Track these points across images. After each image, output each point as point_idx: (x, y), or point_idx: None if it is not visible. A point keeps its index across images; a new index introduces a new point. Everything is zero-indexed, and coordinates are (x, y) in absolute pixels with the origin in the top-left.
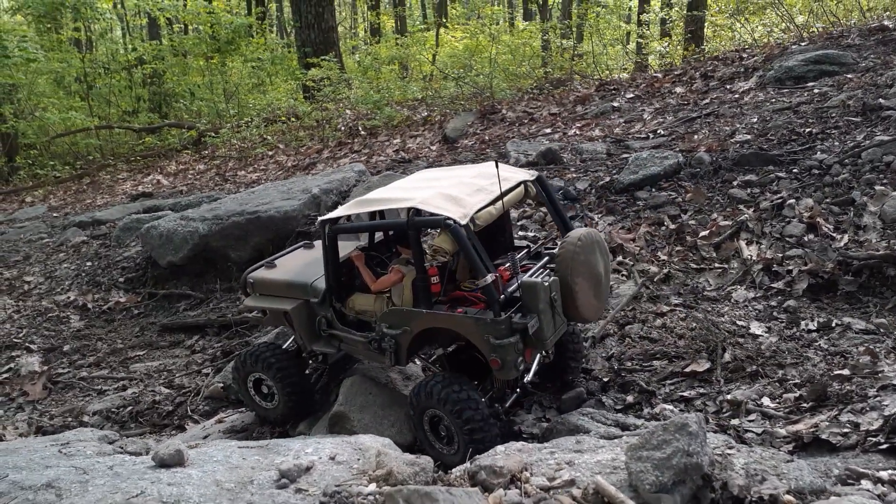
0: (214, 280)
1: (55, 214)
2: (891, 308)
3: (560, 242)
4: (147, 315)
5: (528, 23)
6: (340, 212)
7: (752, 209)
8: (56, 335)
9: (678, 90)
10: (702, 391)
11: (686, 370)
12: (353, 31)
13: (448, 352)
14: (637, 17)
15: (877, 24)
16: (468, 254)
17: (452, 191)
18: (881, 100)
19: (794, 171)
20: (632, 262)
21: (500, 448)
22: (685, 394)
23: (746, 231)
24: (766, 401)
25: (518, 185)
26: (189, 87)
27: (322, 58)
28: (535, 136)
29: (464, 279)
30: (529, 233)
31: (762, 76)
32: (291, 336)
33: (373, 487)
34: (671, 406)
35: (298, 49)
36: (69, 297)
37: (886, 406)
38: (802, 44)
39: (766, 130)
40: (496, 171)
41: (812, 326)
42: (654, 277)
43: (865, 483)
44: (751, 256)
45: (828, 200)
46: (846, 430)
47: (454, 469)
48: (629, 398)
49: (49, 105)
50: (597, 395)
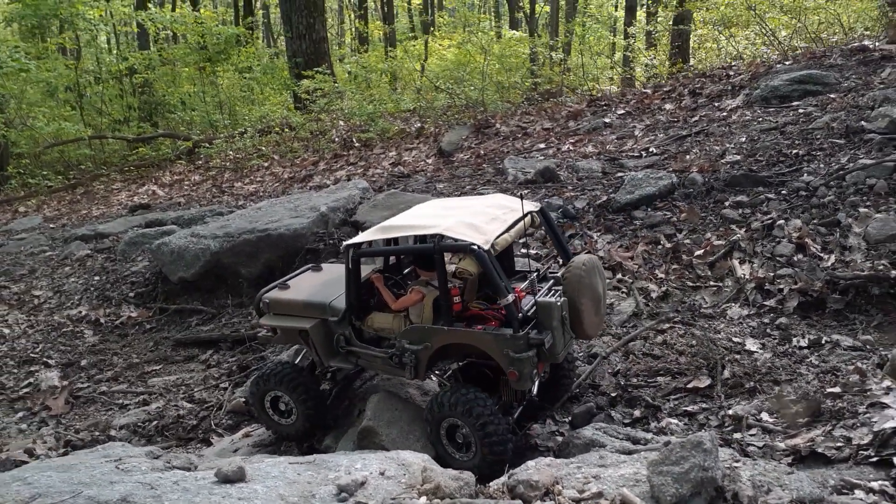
0: (226, 295)
1: (52, 226)
2: (875, 325)
3: (566, 267)
4: (160, 330)
5: (516, 32)
6: (363, 237)
7: (744, 229)
8: (72, 350)
9: (667, 107)
10: (704, 406)
11: (688, 386)
12: (341, 40)
13: (460, 366)
14: (624, 30)
15: (857, 45)
16: (491, 276)
17: (471, 219)
18: (863, 122)
19: (783, 193)
20: (631, 280)
21: (531, 463)
22: (688, 408)
23: (739, 251)
24: (765, 416)
25: (526, 216)
26: (181, 97)
27: (315, 69)
28: (530, 151)
29: (471, 299)
30: (532, 250)
31: (749, 94)
32: (302, 353)
33: (423, 501)
34: (676, 420)
35: (289, 59)
36: (81, 312)
37: (875, 422)
38: (787, 63)
39: (755, 151)
40: (506, 203)
41: (803, 343)
42: (653, 295)
43: (859, 493)
44: (744, 275)
45: (815, 221)
46: (839, 444)
47: (492, 483)
48: (636, 412)
49: (39, 114)
50: (606, 410)
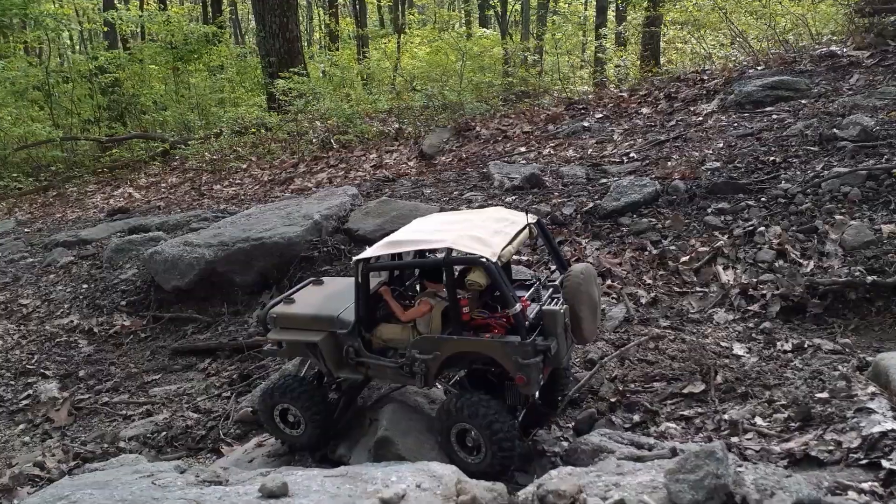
0: (220, 303)
1: (27, 230)
2: (853, 329)
3: (566, 276)
4: (155, 339)
5: (486, 30)
6: (371, 252)
7: (727, 236)
8: (68, 360)
9: (644, 111)
10: (699, 410)
11: (684, 391)
12: (310, 37)
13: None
14: (595, 31)
15: (826, 51)
16: (500, 287)
17: (476, 232)
18: (835, 130)
19: (763, 200)
20: (620, 286)
21: (555, 472)
22: (685, 413)
23: (723, 257)
24: (759, 420)
25: (525, 228)
26: (152, 97)
27: (290, 69)
28: (512, 155)
29: (473, 309)
30: (523, 256)
31: (724, 99)
32: (307, 365)
33: None
34: (674, 424)
35: (262, 59)
36: (73, 322)
37: (863, 427)
38: (759, 68)
39: (734, 157)
40: (505, 216)
41: (787, 347)
42: (643, 300)
43: (852, 494)
44: (728, 281)
45: (794, 228)
46: (831, 448)
47: (520, 493)
48: (635, 417)
49: (6, 115)
50: (606, 415)
